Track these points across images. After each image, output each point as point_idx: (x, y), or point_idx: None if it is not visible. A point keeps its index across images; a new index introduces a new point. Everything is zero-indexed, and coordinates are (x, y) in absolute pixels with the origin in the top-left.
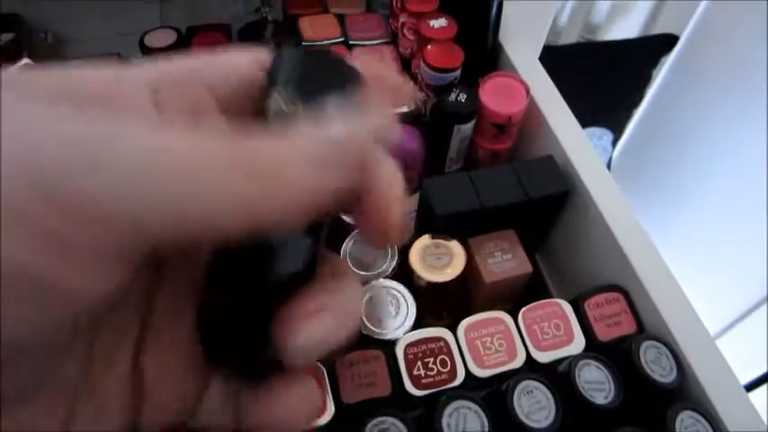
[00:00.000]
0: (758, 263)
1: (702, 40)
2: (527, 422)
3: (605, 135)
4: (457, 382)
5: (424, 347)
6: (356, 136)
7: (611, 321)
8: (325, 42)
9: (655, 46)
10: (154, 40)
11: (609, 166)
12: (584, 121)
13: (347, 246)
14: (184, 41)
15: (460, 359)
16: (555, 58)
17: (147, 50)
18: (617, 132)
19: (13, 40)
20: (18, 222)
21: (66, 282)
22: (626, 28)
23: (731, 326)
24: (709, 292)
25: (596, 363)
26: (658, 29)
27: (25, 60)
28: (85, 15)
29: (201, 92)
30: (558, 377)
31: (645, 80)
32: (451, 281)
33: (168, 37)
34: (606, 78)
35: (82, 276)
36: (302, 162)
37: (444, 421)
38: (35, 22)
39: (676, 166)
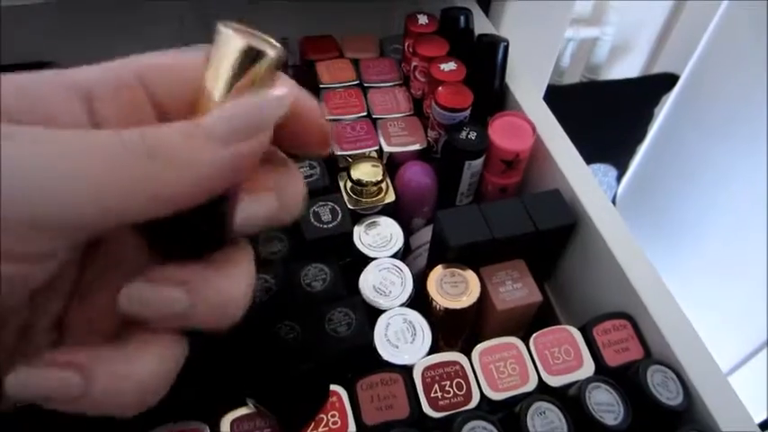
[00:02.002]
0: (761, 304)
1: (702, 79)
2: None
3: (610, 171)
4: (472, 405)
5: (440, 371)
6: (256, 105)
7: (619, 347)
8: (340, 85)
9: (655, 85)
10: None
11: (614, 202)
12: (590, 158)
13: (366, 274)
14: None
15: (475, 382)
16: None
17: None
18: (621, 169)
19: None
20: None
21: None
22: (626, 68)
23: (732, 371)
24: (710, 333)
25: (606, 386)
26: (658, 68)
27: None
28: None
29: (139, 97)
30: (569, 400)
31: (647, 118)
32: (468, 307)
33: None
34: (609, 116)
35: (18, 276)
36: (203, 137)
37: None
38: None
39: (680, 202)
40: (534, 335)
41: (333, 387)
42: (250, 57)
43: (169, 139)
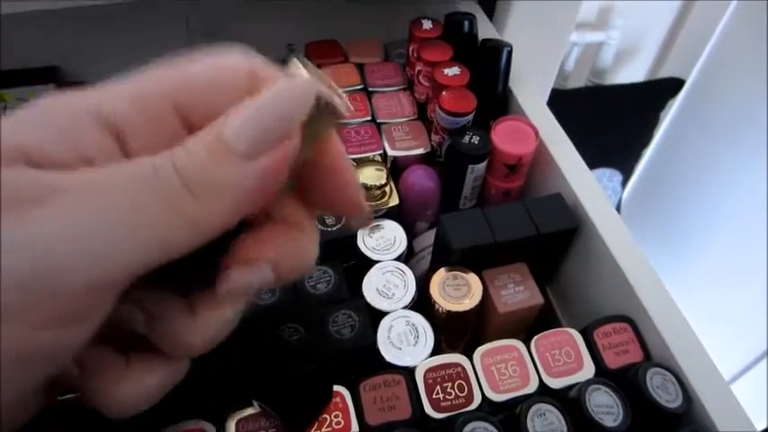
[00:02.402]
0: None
1: (708, 83)
2: None
3: (615, 176)
4: (473, 406)
5: (442, 373)
6: (277, 108)
7: (620, 350)
8: (345, 89)
9: (661, 89)
10: None
11: (619, 206)
12: (595, 162)
13: (369, 277)
14: None
15: (477, 384)
16: (564, 102)
17: None
18: (627, 173)
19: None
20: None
21: (51, 344)
22: (632, 72)
23: (734, 379)
24: (712, 341)
25: (606, 388)
26: (664, 73)
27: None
28: (120, 65)
29: (169, 120)
30: (569, 402)
31: (652, 123)
32: (470, 310)
33: None
34: (614, 121)
35: (67, 336)
36: (227, 153)
37: None
38: (72, 74)
39: (685, 207)
40: (535, 337)
41: (336, 388)
42: (318, 105)
43: (198, 163)
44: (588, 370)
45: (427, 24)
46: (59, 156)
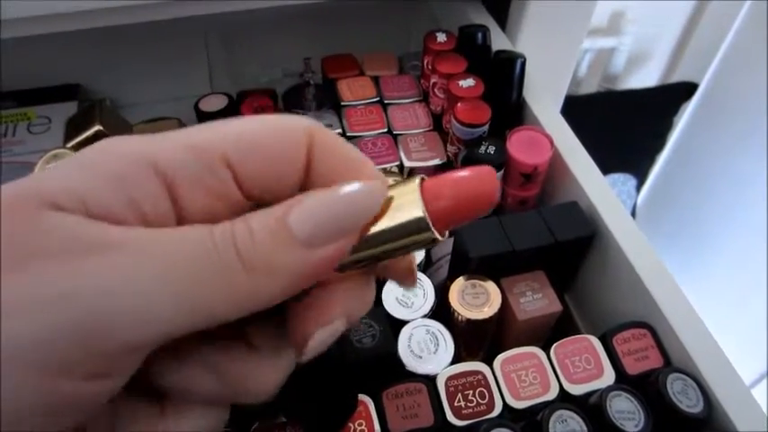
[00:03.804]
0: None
1: (721, 87)
2: None
3: (629, 181)
4: (495, 413)
5: (463, 380)
6: (343, 199)
7: (639, 356)
8: (361, 102)
9: (674, 94)
10: (207, 104)
11: (634, 211)
12: (608, 167)
13: (389, 286)
14: (235, 105)
15: (498, 391)
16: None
17: (201, 114)
18: (641, 178)
19: (85, 111)
20: (43, 358)
21: (85, 394)
22: (644, 77)
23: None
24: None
25: (626, 394)
26: (677, 77)
27: (97, 128)
28: (140, 81)
29: (223, 179)
30: (589, 408)
31: (666, 127)
32: (489, 318)
33: (220, 102)
34: (628, 125)
35: (101, 386)
36: (290, 241)
37: None
38: (93, 91)
39: (699, 210)
40: (555, 344)
41: (360, 397)
42: (419, 228)
43: (260, 242)
44: (608, 376)
45: (441, 37)
46: (114, 207)
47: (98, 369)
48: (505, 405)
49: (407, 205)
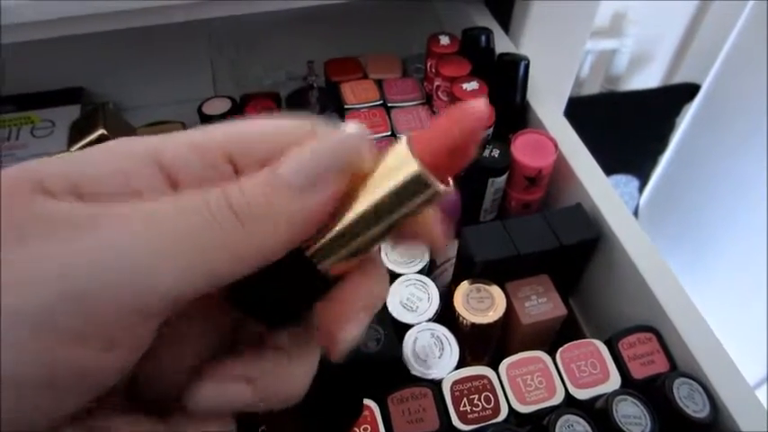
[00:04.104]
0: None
1: (724, 88)
2: None
3: (632, 182)
4: (501, 418)
5: (468, 385)
6: (332, 146)
7: (645, 360)
8: (365, 105)
9: (677, 95)
10: (210, 107)
11: (636, 212)
12: (611, 168)
13: (393, 290)
14: (238, 108)
15: (503, 396)
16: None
17: (205, 118)
18: (643, 179)
19: (88, 115)
20: (47, 328)
21: (92, 366)
22: (646, 78)
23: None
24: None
25: (632, 399)
26: (679, 78)
27: (101, 131)
28: (144, 85)
29: (224, 171)
30: (595, 413)
31: (668, 128)
32: (494, 322)
33: (223, 105)
34: (630, 127)
35: (107, 359)
36: (283, 188)
37: None
38: (97, 95)
39: (702, 211)
40: (560, 349)
41: (365, 401)
42: (418, 184)
43: (252, 196)
44: (614, 381)
45: (445, 40)
46: (109, 188)
47: (99, 341)
48: (511, 409)
49: (402, 165)
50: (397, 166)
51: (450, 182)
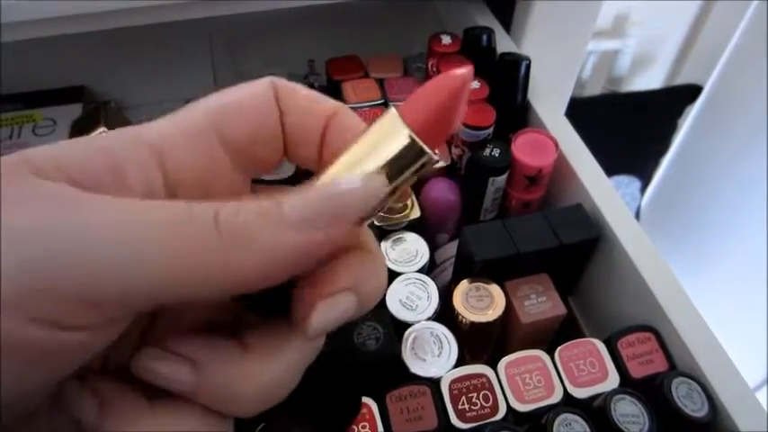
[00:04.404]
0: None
1: (726, 89)
2: None
3: (633, 183)
4: (499, 416)
5: (467, 383)
6: (342, 195)
7: (644, 359)
8: (366, 104)
9: (679, 96)
10: None
11: (638, 213)
12: (612, 169)
13: (393, 289)
14: None
15: (502, 394)
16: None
17: None
18: (645, 180)
19: (90, 113)
20: (16, 308)
21: (61, 349)
22: (649, 79)
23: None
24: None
25: (631, 398)
26: (681, 80)
27: (102, 129)
28: (145, 83)
29: (210, 143)
30: (594, 411)
31: (670, 129)
32: (494, 321)
33: None
34: (632, 127)
35: (75, 344)
36: (280, 220)
37: None
38: (99, 93)
39: (704, 213)
40: (559, 347)
41: (363, 399)
42: (411, 152)
43: (243, 220)
44: (613, 380)
45: (446, 39)
46: (97, 174)
47: (65, 319)
48: (509, 408)
49: (392, 135)
50: (389, 135)
51: (437, 150)
